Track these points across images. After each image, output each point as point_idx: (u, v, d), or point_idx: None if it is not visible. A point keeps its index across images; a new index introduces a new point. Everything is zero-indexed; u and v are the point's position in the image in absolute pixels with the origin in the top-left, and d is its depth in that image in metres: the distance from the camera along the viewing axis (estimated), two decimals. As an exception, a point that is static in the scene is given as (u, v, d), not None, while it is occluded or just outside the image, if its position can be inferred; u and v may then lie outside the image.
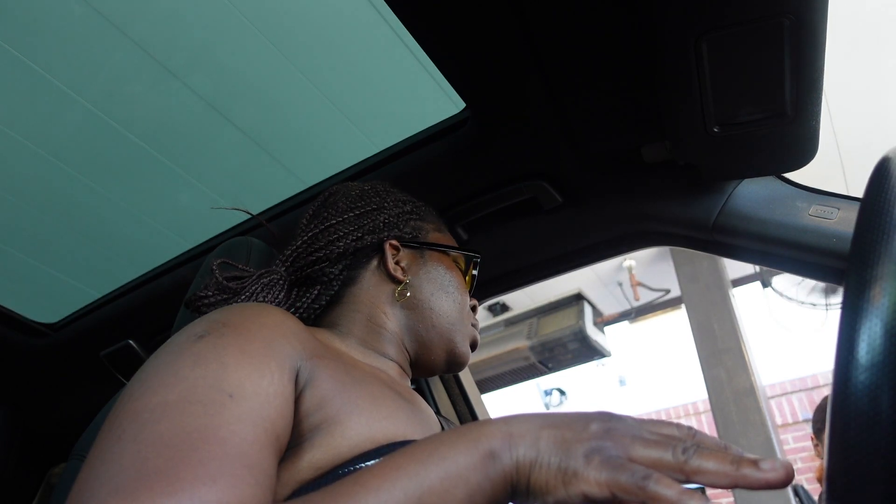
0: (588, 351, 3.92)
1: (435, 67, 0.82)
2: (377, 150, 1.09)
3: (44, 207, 1.58)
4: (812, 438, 1.73)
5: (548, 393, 6.38)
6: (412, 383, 1.23)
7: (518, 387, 4.55)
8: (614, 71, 0.80)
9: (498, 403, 6.10)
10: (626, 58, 0.78)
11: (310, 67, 1.37)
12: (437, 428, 0.76)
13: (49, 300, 1.79)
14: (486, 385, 4.21)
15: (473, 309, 0.87)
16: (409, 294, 0.78)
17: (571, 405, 6.29)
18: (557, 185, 1.01)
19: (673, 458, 0.41)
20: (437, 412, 1.28)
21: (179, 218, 1.68)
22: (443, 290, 0.80)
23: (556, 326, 3.87)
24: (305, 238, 0.78)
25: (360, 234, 0.77)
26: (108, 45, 1.25)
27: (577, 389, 6.29)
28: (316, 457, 0.53)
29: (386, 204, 0.82)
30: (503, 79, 0.82)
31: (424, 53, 0.79)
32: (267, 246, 0.92)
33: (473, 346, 0.84)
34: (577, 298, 3.98)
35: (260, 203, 1.23)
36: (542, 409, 6.37)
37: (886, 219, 0.42)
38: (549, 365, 4.06)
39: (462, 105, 0.93)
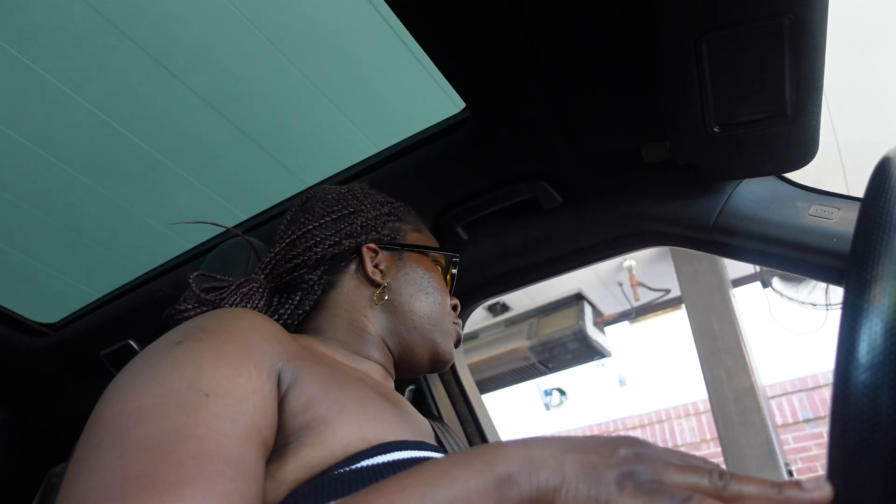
0: (588, 351, 3.92)
1: (435, 67, 0.82)
2: (377, 150, 1.09)
3: (44, 207, 1.58)
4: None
5: (548, 393, 6.38)
6: (412, 383, 1.22)
7: (518, 387, 4.55)
8: (614, 71, 0.80)
9: (498, 403, 6.10)
10: (626, 58, 0.78)
11: (310, 67, 1.37)
12: (427, 430, 0.75)
13: (49, 300, 1.79)
14: (486, 385, 4.21)
15: (455, 308, 0.87)
16: (387, 297, 0.78)
17: (571, 405, 6.29)
18: (557, 185, 1.01)
19: (710, 483, 0.40)
20: (438, 413, 1.27)
21: (179, 218, 1.68)
22: (422, 291, 0.80)
23: (556, 326, 3.87)
24: (283, 245, 0.77)
25: (337, 239, 0.77)
26: (109, 45, 1.25)
27: (577, 389, 6.29)
28: (308, 456, 0.53)
29: (363, 206, 0.82)
30: (503, 79, 0.82)
31: (424, 53, 0.79)
32: (267, 246, 0.92)
33: (457, 344, 0.84)
34: (577, 298, 3.98)
35: (260, 203, 1.23)
36: (542, 410, 6.37)
37: (886, 219, 0.42)
38: (549, 365, 4.06)
39: (462, 105, 0.92)
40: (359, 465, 0.52)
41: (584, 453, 0.42)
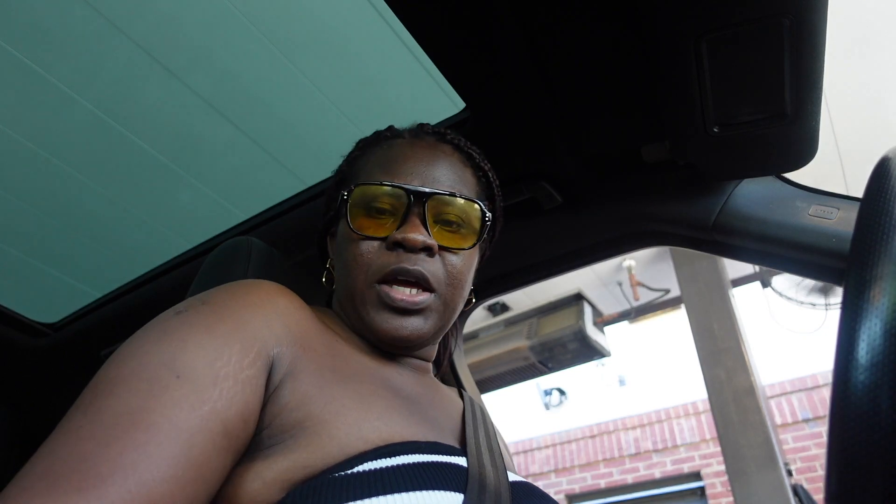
0: (588, 351, 3.92)
1: (435, 67, 0.82)
2: (377, 150, 1.08)
3: (44, 207, 1.58)
4: None
5: (548, 393, 6.39)
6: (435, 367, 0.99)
7: (518, 387, 4.55)
8: (614, 71, 0.80)
9: (498, 403, 6.10)
10: (626, 58, 0.78)
11: (310, 67, 1.37)
12: (451, 425, 0.67)
13: (49, 300, 1.79)
14: (486, 385, 4.21)
15: (396, 244, 0.63)
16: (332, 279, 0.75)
17: (571, 405, 6.29)
18: (557, 185, 1.01)
19: None
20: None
21: (179, 218, 1.68)
22: (339, 259, 0.69)
23: (556, 326, 3.87)
24: None
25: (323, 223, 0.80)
26: (109, 45, 1.25)
27: (577, 389, 6.29)
28: (303, 457, 0.50)
29: (339, 177, 0.80)
30: (503, 79, 0.82)
31: (424, 53, 0.79)
32: (267, 246, 0.92)
33: (397, 308, 0.63)
34: (577, 298, 3.98)
35: (260, 203, 1.23)
36: (542, 409, 6.37)
37: (886, 219, 0.42)
38: (549, 365, 4.06)
39: (462, 105, 0.93)
40: (361, 469, 0.49)
41: None
